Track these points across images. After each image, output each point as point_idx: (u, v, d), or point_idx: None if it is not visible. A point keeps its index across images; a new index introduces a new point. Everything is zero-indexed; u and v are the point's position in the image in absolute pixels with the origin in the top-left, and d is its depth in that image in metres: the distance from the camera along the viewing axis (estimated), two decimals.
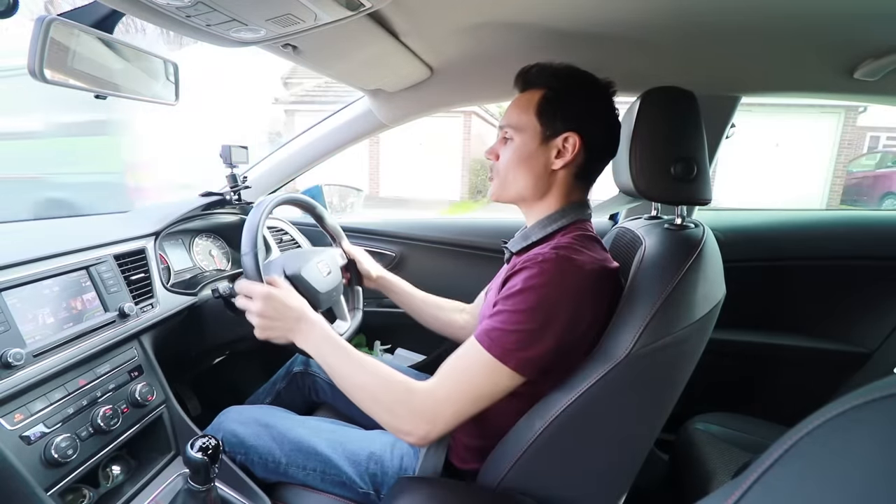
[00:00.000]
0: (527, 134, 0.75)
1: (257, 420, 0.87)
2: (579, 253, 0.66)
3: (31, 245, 0.77)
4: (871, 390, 0.24)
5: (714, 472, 0.90)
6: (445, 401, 0.65)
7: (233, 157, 1.17)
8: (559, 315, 0.63)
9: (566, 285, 0.63)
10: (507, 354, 0.62)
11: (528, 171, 0.76)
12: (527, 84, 0.78)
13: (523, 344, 0.62)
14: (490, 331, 0.64)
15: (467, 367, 0.65)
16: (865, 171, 8.64)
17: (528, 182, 0.76)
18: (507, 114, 0.79)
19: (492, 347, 0.63)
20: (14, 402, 0.65)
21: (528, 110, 0.75)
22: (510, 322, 0.63)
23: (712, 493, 0.30)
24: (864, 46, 0.89)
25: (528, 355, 0.62)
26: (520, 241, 0.79)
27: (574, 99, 0.74)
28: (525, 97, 0.76)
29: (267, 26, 0.70)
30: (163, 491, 0.79)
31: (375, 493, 0.78)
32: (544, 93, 0.74)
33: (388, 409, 0.67)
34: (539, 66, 0.76)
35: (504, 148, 0.78)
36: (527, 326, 0.62)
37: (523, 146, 0.75)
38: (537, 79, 0.76)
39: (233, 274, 1.20)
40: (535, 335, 0.62)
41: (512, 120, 0.77)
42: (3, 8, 0.61)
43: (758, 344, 1.31)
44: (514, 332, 0.63)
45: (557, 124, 0.73)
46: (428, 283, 1.55)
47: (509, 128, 0.77)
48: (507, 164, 0.77)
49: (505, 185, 0.79)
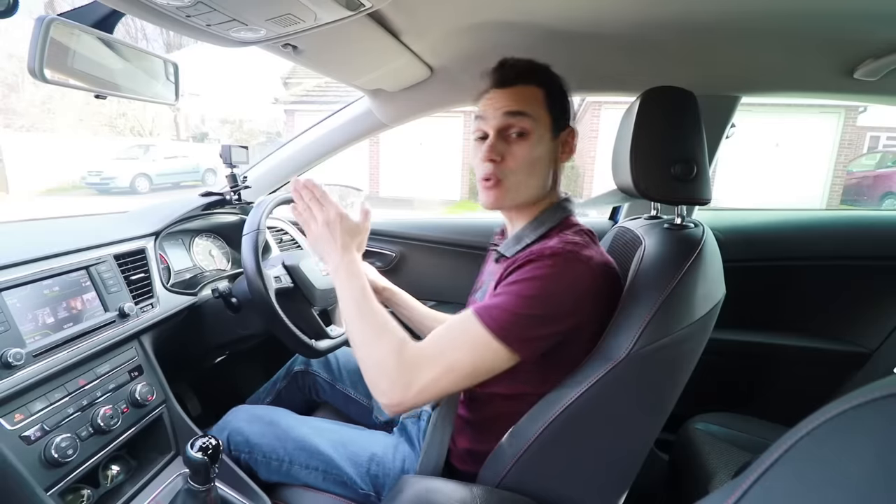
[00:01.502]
0: (543, 127, 0.71)
1: (261, 419, 0.87)
2: (587, 248, 0.66)
3: (31, 245, 0.77)
4: (871, 390, 0.24)
5: (714, 472, 0.90)
6: (425, 369, 0.62)
7: (233, 157, 1.17)
8: (564, 305, 0.62)
9: (574, 277, 0.63)
10: (505, 332, 0.61)
11: (543, 170, 0.73)
12: (516, 80, 0.72)
13: (524, 326, 0.61)
14: (490, 308, 0.63)
15: (456, 337, 0.64)
16: (865, 171, 8.64)
17: (540, 182, 0.74)
18: (510, 103, 0.71)
19: (490, 324, 0.61)
20: (14, 402, 0.65)
21: (535, 101, 0.71)
22: (513, 305, 0.62)
23: (712, 493, 0.30)
24: (864, 46, 0.89)
25: (528, 335, 0.61)
26: (512, 245, 0.75)
27: (566, 94, 0.75)
28: (522, 91, 0.71)
29: (267, 26, 0.70)
30: (163, 491, 0.79)
31: (376, 495, 0.78)
32: (544, 87, 0.72)
33: (375, 363, 0.65)
34: (527, 64, 0.73)
35: (515, 146, 0.71)
36: (530, 311, 0.61)
37: (541, 142, 0.71)
38: (530, 76, 0.72)
39: (233, 274, 1.20)
40: (538, 320, 0.61)
41: (528, 107, 0.70)
42: (3, 8, 0.61)
43: (758, 344, 1.31)
44: (515, 314, 0.61)
45: (563, 117, 0.73)
46: (428, 283, 1.56)
47: (523, 120, 0.70)
48: (522, 163, 0.71)
49: (518, 189, 0.72)
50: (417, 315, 1.06)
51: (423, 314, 1.06)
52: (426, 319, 1.05)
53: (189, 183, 10.88)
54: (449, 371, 0.62)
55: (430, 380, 0.62)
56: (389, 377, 0.63)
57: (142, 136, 13.32)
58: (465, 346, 0.62)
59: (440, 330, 0.66)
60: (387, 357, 0.64)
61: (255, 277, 0.87)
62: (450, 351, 0.63)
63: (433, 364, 0.63)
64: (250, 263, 0.87)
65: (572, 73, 1.04)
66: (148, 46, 0.91)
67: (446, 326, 0.66)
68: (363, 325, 0.68)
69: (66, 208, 7.77)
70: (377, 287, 1.06)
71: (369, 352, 0.66)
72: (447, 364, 0.62)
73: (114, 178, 9.54)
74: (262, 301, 0.88)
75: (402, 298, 1.07)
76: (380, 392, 0.64)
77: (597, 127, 9.14)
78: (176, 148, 11.73)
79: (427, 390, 0.62)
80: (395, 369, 0.63)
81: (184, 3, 0.59)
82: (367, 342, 0.67)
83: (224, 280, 1.14)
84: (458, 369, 0.62)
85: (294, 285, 0.98)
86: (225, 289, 0.95)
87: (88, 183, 9.68)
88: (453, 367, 0.62)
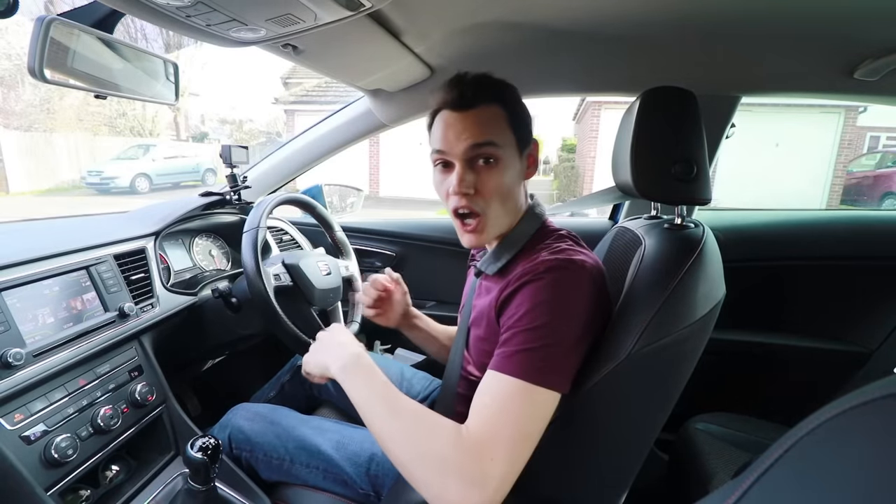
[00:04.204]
0: (510, 150, 0.67)
1: (263, 417, 0.88)
2: (576, 252, 0.65)
3: (31, 245, 0.78)
4: (871, 390, 0.24)
5: (714, 472, 0.90)
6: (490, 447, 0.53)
7: (233, 157, 1.17)
8: (579, 320, 0.60)
9: (578, 289, 0.61)
10: (538, 374, 0.55)
11: (516, 192, 0.69)
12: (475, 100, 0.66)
13: (551, 357, 0.57)
14: (511, 355, 0.57)
15: (503, 407, 0.55)
16: (865, 171, 8.65)
17: (515, 205, 0.70)
18: (475, 132, 0.65)
19: (520, 373, 0.55)
20: (14, 402, 0.65)
21: (498, 123, 0.66)
22: (530, 340, 0.57)
23: (712, 493, 0.30)
24: (864, 46, 0.89)
25: (560, 366, 0.57)
26: (491, 262, 0.71)
27: (525, 107, 0.71)
28: (484, 114, 0.66)
29: (267, 26, 0.70)
30: (163, 491, 0.79)
31: (376, 495, 0.78)
32: (500, 106, 0.67)
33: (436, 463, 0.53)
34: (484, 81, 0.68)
35: (486, 174, 0.66)
36: (549, 340, 0.57)
37: (510, 165, 0.67)
38: (489, 94, 0.67)
39: (233, 274, 1.20)
40: (560, 347, 0.58)
41: (494, 135, 0.65)
42: (3, 8, 0.61)
43: (758, 344, 1.31)
44: (538, 350, 0.56)
45: (526, 133, 0.70)
46: (428, 283, 1.56)
47: (491, 149, 0.65)
48: (496, 193, 0.66)
49: (497, 221, 0.68)
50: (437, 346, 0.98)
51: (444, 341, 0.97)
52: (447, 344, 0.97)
53: (189, 183, 10.90)
54: (518, 443, 0.54)
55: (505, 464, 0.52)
56: (460, 476, 0.52)
57: (142, 136, 13.32)
58: (515, 410, 0.55)
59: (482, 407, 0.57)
60: (446, 452, 0.53)
61: (255, 277, 0.87)
62: (505, 424, 0.54)
63: (499, 445, 0.53)
64: (250, 262, 0.87)
65: (572, 73, 1.05)
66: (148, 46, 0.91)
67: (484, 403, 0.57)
68: (404, 424, 0.57)
69: (66, 208, 7.77)
70: (411, 314, 0.97)
71: (421, 452, 0.55)
72: (511, 438, 0.54)
73: (114, 178, 9.55)
74: (261, 300, 0.88)
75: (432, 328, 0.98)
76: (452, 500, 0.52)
77: (597, 127, 9.15)
78: (176, 148, 11.74)
79: (507, 478, 0.53)
80: (463, 464, 0.52)
81: (184, 3, 0.59)
82: (414, 442, 0.55)
83: (224, 280, 1.14)
84: (524, 435, 0.54)
85: (294, 284, 0.98)
86: (225, 289, 0.95)
87: (88, 183, 9.69)
88: (518, 437, 0.54)
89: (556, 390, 0.56)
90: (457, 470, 0.52)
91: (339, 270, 1.05)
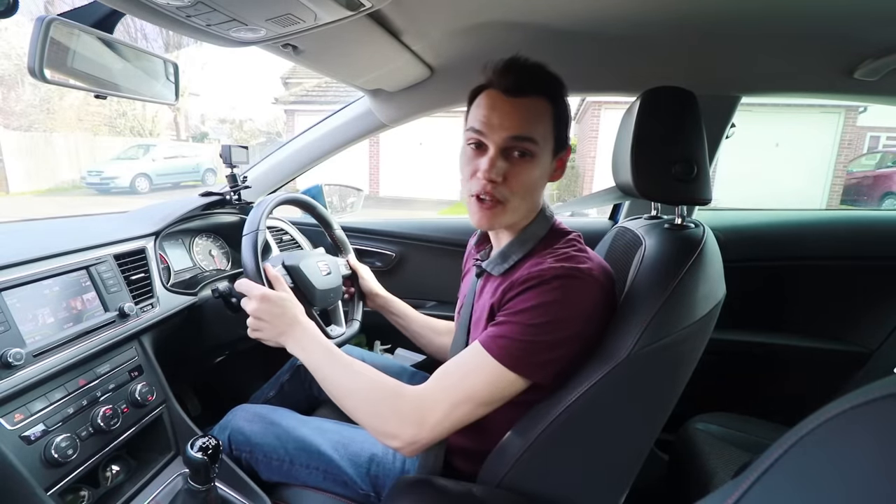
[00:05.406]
0: (546, 149, 0.67)
1: (263, 418, 0.87)
2: (584, 261, 0.65)
3: (31, 245, 0.77)
4: (871, 390, 0.24)
5: (714, 472, 0.89)
6: (437, 403, 0.62)
7: (233, 157, 1.17)
8: (574, 327, 0.62)
9: (580, 298, 0.62)
10: (516, 362, 0.60)
11: (539, 191, 0.70)
12: (526, 90, 0.65)
13: (535, 353, 0.61)
14: (497, 338, 0.62)
15: (468, 371, 0.63)
16: (865, 171, 8.65)
17: (535, 203, 0.71)
18: (518, 124, 0.64)
19: (500, 355, 0.60)
20: (14, 401, 0.65)
21: (543, 120, 0.66)
22: (521, 334, 0.61)
23: (712, 493, 0.30)
24: (864, 46, 0.89)
25: (540, 360, 0.61)
26: (498, 262, 0.72)
27: (569, 109, 0.71)
28: (531, 106, 0.65)
29: (267, 26, 0.70)
30: (163, 491, 0.79)
31: (376, 496, 0.78)
32: (549, 101, 0.67)
33: (374, 412, 0.65)
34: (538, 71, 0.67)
35: (518, 167, 0.66)
36: (540, 338, 0.60)
37: (542, 164, 0.68)
38: (540, 86, 0.66)
39: (233, 274, 1.20)
40: (547, 346, 0.61)
41: (535, 131, 0.65)
42: (3, 8, 0.61)
43: (758, 344, 1.31)
44: (525, 343, 0.60)
45: (565, 135, 0.71)
46: (427, 283, 1.56)
47: (530, 144, 0.65)
48: (523, 186, 0.66)
49: (516, 212, 0.68)
50: (413, 324, 1.05)
51: (419, 322, 1.05)
52: (422, 328, 1.04)
53: (189, 183, 10.90)
54: (464, 402, 0.61)
55: (444, 412, 0.61)
56: (397, 417, 0.62)
57: (142, 136, 13.32)
58: (479, 377, 0.61)
59: (450, 365, 0.65)
60: (388, 398, 0.64)
61: (255, 278, 0.87)
62: (463, 383, 0.62)
63: (445, 396, 0.62)
64: (250, 263, 0.87)
65: (572, 73, 1.04)
66: (148, 46, 0.91)
67: (456, 362, 0.65)
68: (349, 377, 0.68)
69: (66, 208, 7.77)
70: (372, 292, 1.07)
71: (365, 397, 0.65)
72: (462, 395, 0.61)
73: (114, 178, 9.55)
74: None
75: (396, 307, 1.07)
76: (390, 435, 0.63)
77: (597, 127, 9.15)
78: (176, 148, 11.74)
79: (443, 422, 0.61)
80: (402, 408, 0.62)
81: (184, 3, 0.59)
82: (358, 390, 0.66)
83: (224, 280, 1.14)
84: (474, 399, 0.61)
85: (294, 285, 0.98)
86: (225, 289, 0.95)
87: (88, 183, 9.69)
88: (469, 398, 0.61)
89: (527, 378, 0.61)
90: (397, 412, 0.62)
91: (338, 269, 1.05)
